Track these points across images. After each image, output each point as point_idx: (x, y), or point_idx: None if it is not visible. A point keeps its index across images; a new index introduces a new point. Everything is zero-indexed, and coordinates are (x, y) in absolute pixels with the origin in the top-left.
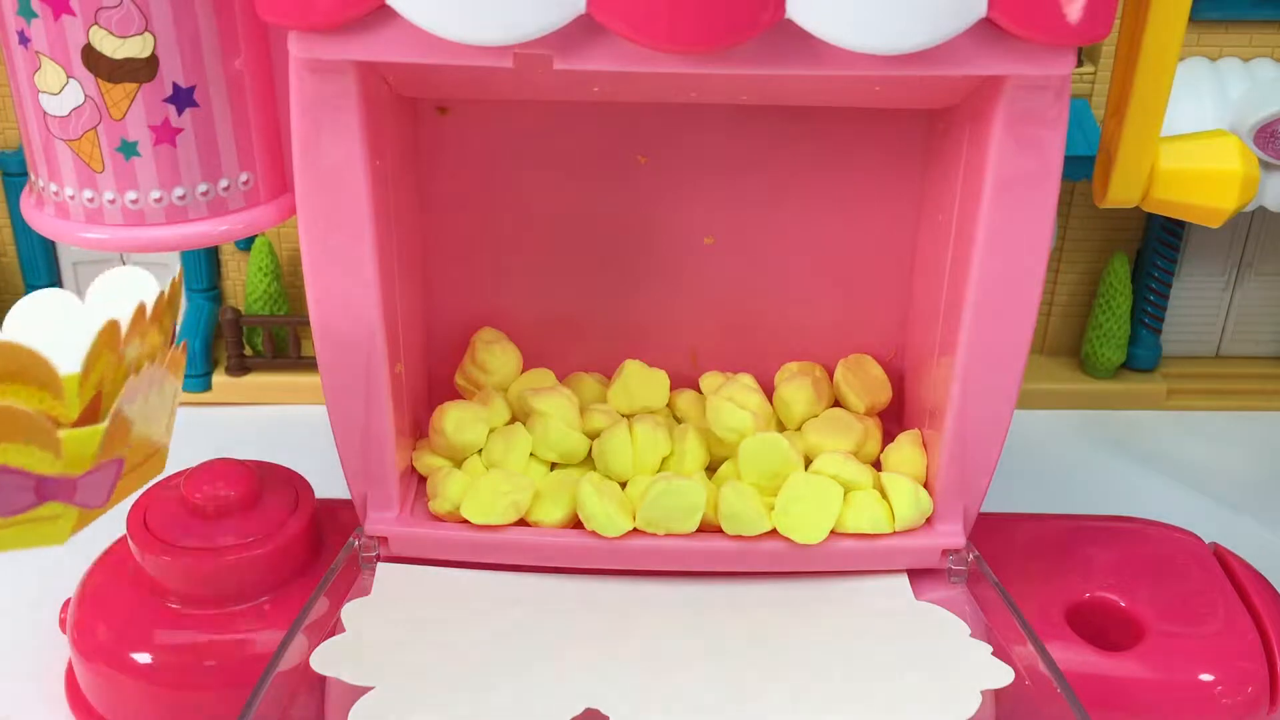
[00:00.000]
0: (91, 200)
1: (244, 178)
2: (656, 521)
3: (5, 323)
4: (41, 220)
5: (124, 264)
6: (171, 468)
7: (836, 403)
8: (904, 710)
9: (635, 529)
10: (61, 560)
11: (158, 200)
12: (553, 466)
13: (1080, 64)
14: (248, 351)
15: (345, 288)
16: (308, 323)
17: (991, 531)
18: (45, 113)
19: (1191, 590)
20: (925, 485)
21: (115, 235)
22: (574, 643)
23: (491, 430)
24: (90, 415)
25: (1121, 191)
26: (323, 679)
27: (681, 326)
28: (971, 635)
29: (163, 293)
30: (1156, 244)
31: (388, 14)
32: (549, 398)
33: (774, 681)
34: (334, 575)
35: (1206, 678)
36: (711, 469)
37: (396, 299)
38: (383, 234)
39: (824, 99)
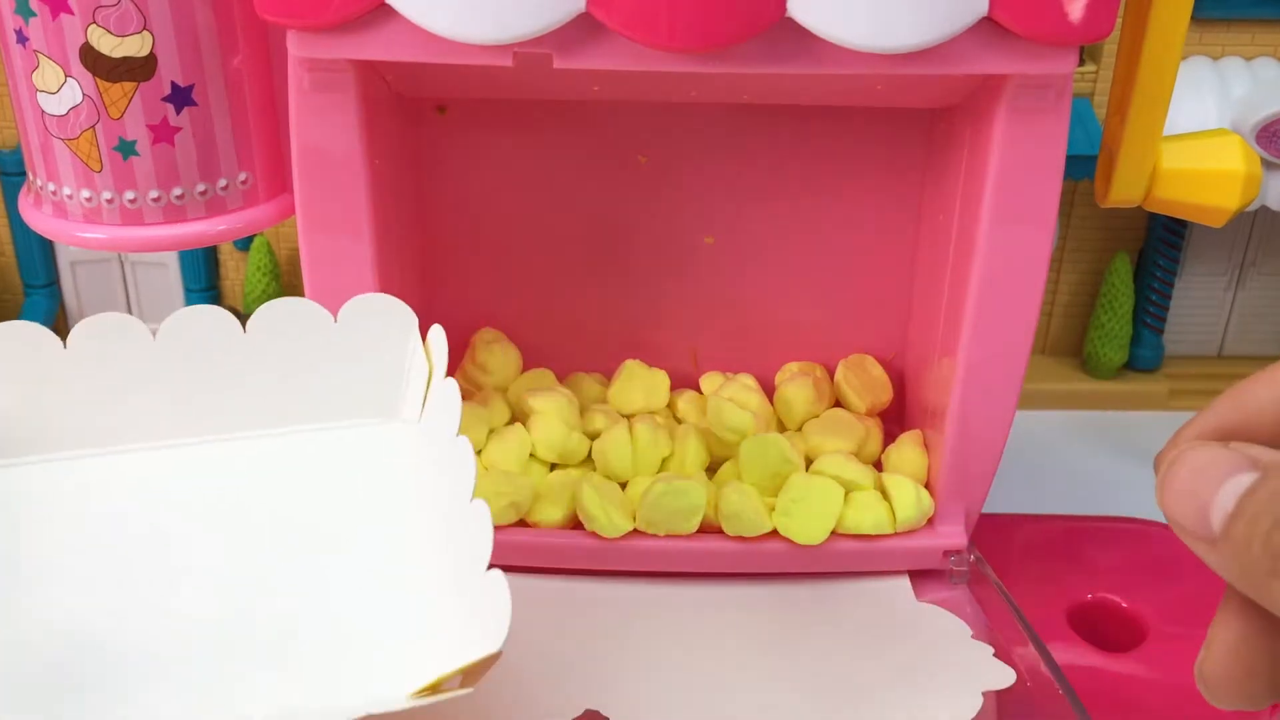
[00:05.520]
0: (89, 199)
1: (242, 177)
2: (657, 522)
3: None
4: (39, 219)
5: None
6: None
7: (837, 403)
8: (905, 712)
9: (635, 530)
10: None
11: (156, 200)
12: (553, 467)
13: (1082, 63)
14: None
15: (344, 287)
16: None
17: (993, 532)
18: (43, 112)
19: (1193, 591)
20: (926, 486)
21: (113, 235)
22: (574, 644)
23: (491, 431)
24: None
25: (1124, 191)
26: None
27: (681, 326)
28: (973, 636)
29: None
30: (1159, 244)
31: (387, 12)
32: (548, 398)
33: (774, 683)
34: None
35: None
36: (712, 470)
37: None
38: (382, 234)
39: (825, 98)
